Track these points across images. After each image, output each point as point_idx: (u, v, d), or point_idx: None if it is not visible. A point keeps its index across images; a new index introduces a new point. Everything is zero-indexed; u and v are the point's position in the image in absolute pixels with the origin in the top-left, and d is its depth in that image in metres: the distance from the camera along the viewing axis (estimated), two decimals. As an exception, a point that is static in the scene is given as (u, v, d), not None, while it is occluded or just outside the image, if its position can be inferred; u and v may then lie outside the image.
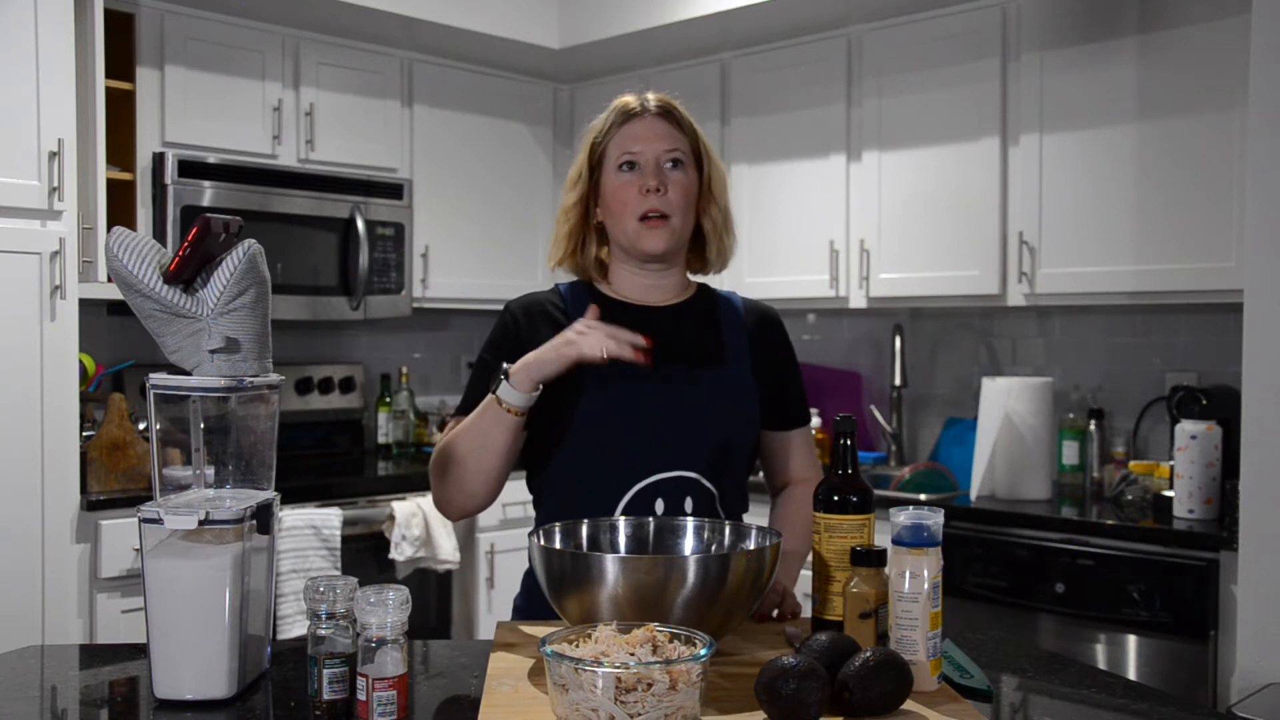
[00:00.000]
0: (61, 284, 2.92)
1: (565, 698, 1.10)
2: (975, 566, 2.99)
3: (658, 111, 1.72)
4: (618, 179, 1.70)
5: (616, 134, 1.71)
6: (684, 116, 1.74)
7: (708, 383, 1.70)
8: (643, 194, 1.67)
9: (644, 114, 1.71)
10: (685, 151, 1.72)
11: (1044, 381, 3.22)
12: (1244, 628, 2.37)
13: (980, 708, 1.28)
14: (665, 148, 1.69)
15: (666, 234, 1.69)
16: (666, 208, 1.68)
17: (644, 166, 1.68)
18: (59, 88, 2.92)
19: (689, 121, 1.75)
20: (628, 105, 1.73)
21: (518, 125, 4.33)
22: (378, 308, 3.85)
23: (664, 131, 1.71)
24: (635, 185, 1.68)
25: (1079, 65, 3.14)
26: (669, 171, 1.69)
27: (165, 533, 1.33)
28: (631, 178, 1.68)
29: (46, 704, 1.39)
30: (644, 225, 1.68)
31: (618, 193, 1.69)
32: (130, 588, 3.03)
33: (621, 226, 1.70)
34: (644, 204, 1.67)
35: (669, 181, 1.68)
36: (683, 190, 1.70)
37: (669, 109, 1.73)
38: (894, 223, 3.54)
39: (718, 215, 1.77)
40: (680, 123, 1.73)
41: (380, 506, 3.50)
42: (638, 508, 1.63)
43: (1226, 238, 2.87)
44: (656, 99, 1.74)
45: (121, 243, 1.33)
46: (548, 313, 1.73)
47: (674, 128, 1.72)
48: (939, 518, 1.29)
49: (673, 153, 1.70)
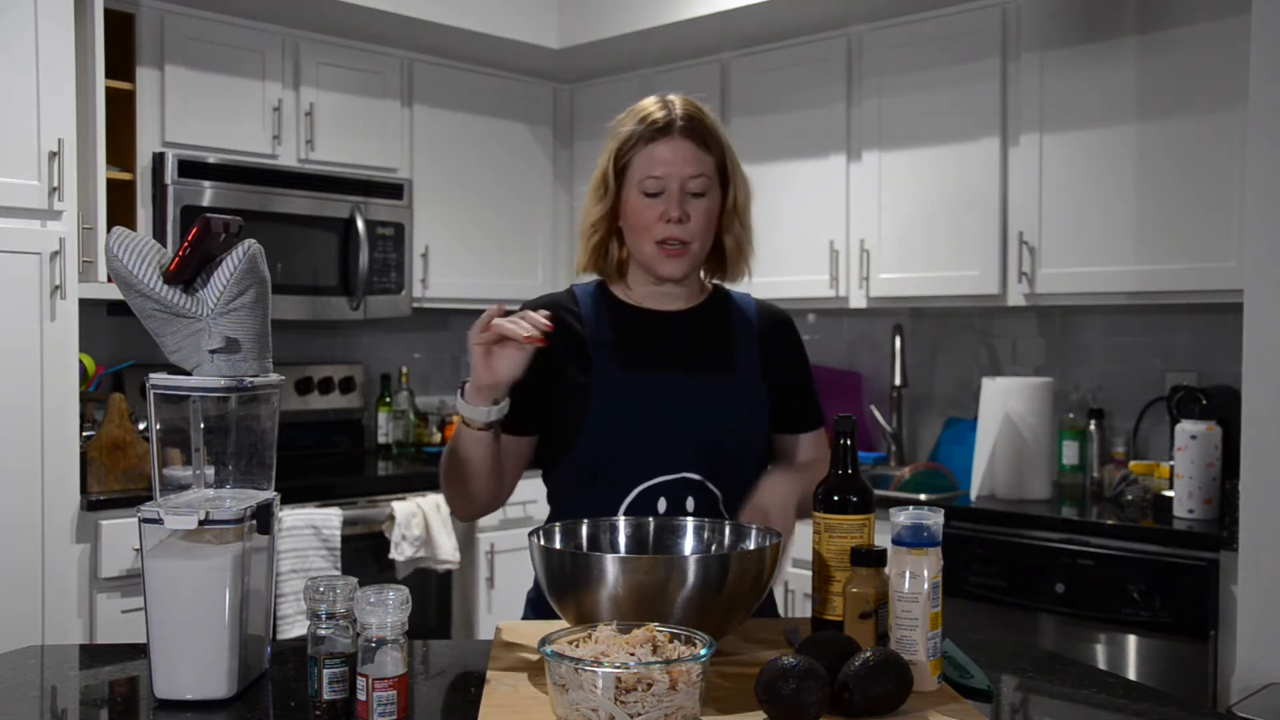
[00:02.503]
0: (61, 284, 2.92)
1: (565, 698, 1.10)
2: (975, 566, 2.99)
3: (685, 130, 1.66)
4: (640, 201, 1.66)
5: (643, 150, 1.66)
6: (712, 132, 1.68)
7: (715, 386, 1.70)
8: (664, 221, 1.65)
9: (671, 134, 1.65)
10: (711, 174, 1.68)
11: (1044, 381, 3.22)
12: (1244, 628, 2.37)
13: (980, 708, 1.28)
14: (691, 173, 1.65)
15: (685, 261, 1.68)
16: (687, 235, 1.66)
17: (668, 194, 1.65)
18: (59, 88, 2.92)
19: (717, 139, 1.69)
20: (655, 120, 1.66)
21: (518, 125, 4.33)
22: (378, 308, 3.85)
23: (690, 155, 1.65)
24: (657, 210, 1.65)
25: (1079, 65, 3.14)
26: (692, 200, 1.66)
27: (165, 533, 1.33)
28: (654, 203, 1.65)
29: (46, 704, 1.39)
30: (661, 251, 1.66)
31: (640, 213, 1.66)
32: (130, 588, 3.03)
33: (639, 246, 1.69)
34: (664, 231, 1.65)
35: (690, 209, 1.65)
36: (705, 216, 1.67)
37: (698, 125, 1.67)
38: (894, 223, 3.54)
39: (740, 233, 1.74)
40: (708, 142, 1.67)
41: (380, 506, 3.50)
42: (640, 510, 1.63)
43: (1226, 238, 2.87)
44: (684, 109, 1.68)
45: (121, 242, 1.33)
46: (562, 316, 1.71)
47: (701, 149, 1.66)
48: (939, 518, 1.29)
49: (698, 179, 1.66)
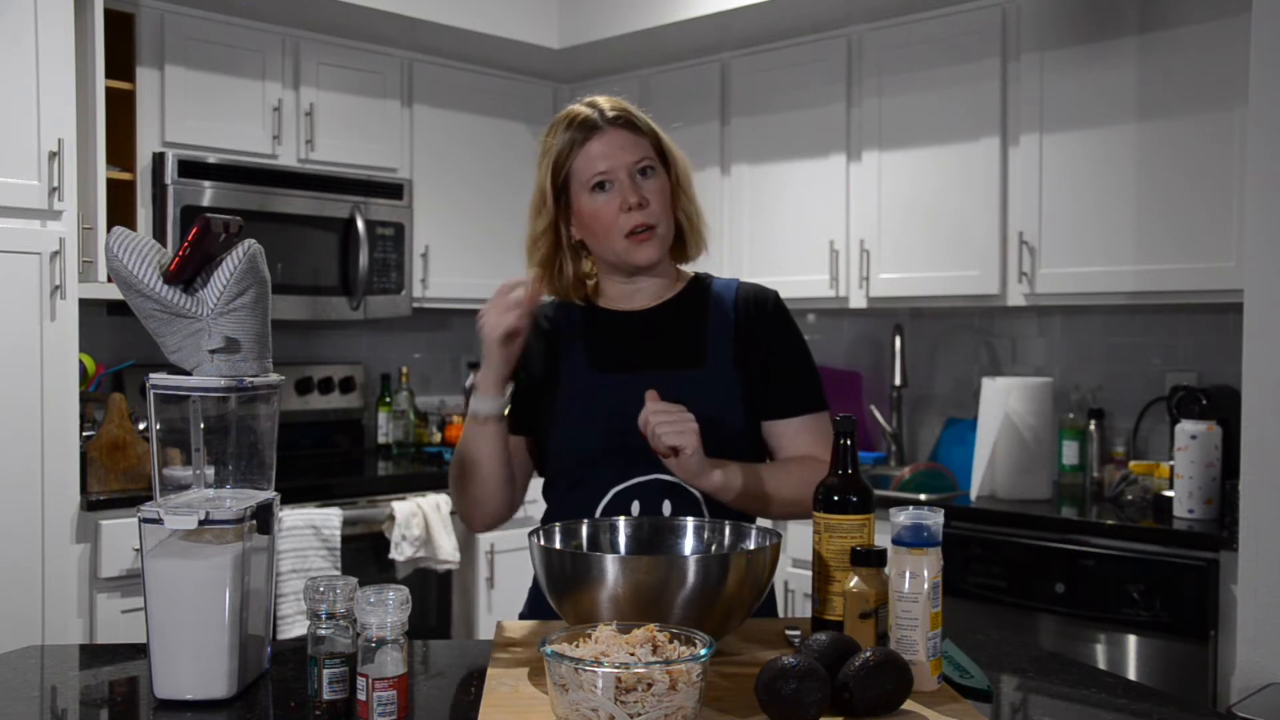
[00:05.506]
0: (61, 284, 2.92)
1: (565, 698, 1.10)
2: (975, 566, 2.99)
3: (615, 121, 1.66)
4: (593, 201, 1.66)
5: (580, 153, 1.66)
6: (641, 119, 1.69)
7: (684, 383, 1.65)
8: (625, 211, 1.64)
9: (602, 127, 1.65)
10: (651, 156, 1.68)
11: (1044, 381, 3.21)
12: (1244, 628, 2.37)
13: (980, 708, 1.28)
14: (633, 159, 1.65)
15: (656, 244, 1.67)
16: (651, 219, 1.65)
17: (619, 184, 1.65)
18: (59, 88, 2.92)
19: (646, 123, 1.70)
20: (584, 119, 1.66)
21: (518, 125, 4.33)
22: (378, 308, 3.85)
23: (628, 142, 1.65)
24: (614, 204, 1.64)
25: (1079, 65, 3.14)
26: (643, 182, 1.66)
27: (165, 533, 1.33)
28: (608, 198, 1.65)
29: (46, 704, 1.39)
30: (632, 241, 1.66)
31: (598, 214, 1.66)
32: (130, 588, 3.03)
33: (608, 246, 1.67)
34: (629, 220, 1.64)
35: (645, 191, 1.65)
36: (660, 196, 1.67)
37: (623, 115, 1.67)
38: (894, 223, 3.54)
39: (690, 208, 1.74)
40: (639, 127, 1.68)
41: (380, 506, 3.49)
42: (615, 512, 1.63)
43: (1226, 238, 2.87)
44: (610, 105, 1.68)
45: (121, 243, 1.33)
46: (538, 324, 1.74)
47: (635, 134, 1.66)
48: (939, 518, 1.29)
49: (641, 162, 1.66)
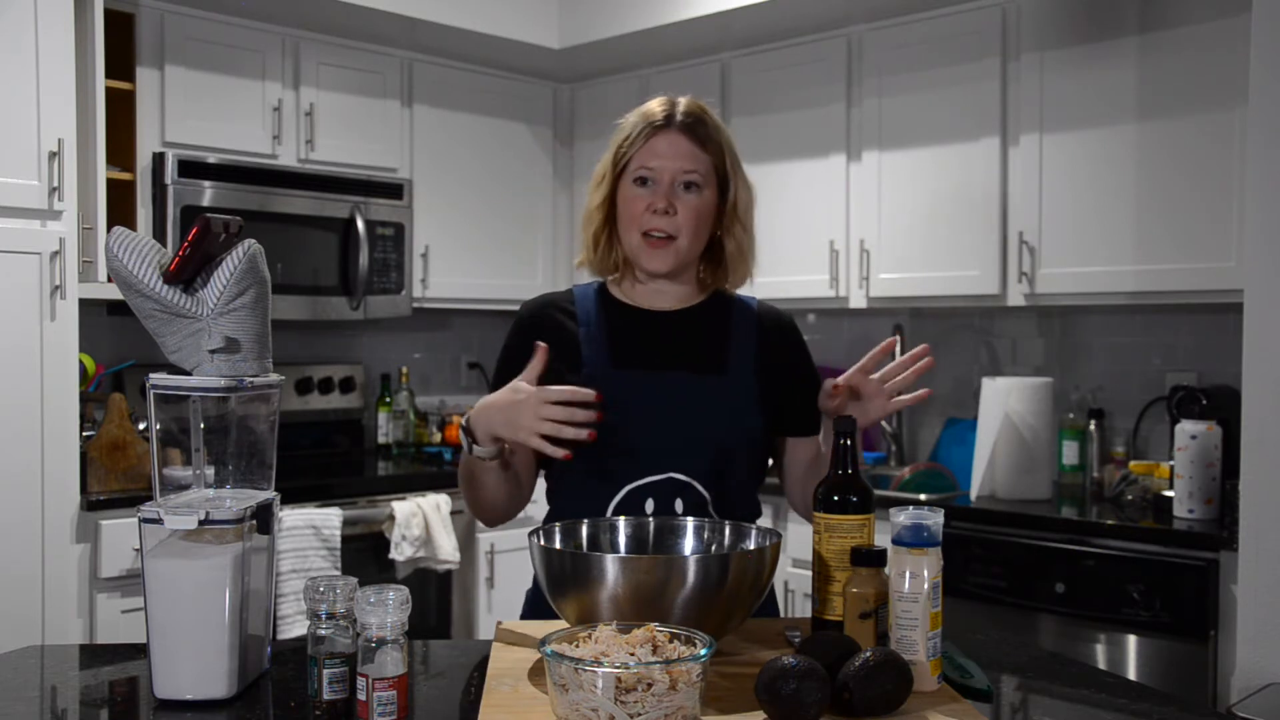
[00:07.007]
0: (61, 284, 2.92)
1: (565, 698, 1.10)
2: (975, 566, 2.99)
3: (684, 126, 1.67)
4: (631, 191, 1.68)
5: (640, 143, 1.67)
6: (712, 133, 1.69)
7: (706, 387, 1.68)
8: (650, 211, 1.66)
9: (669, 128, 1.67)
10: (705, 173, 1.68)
11: (1044, 381, 3.21)
12: (1244, 628, 2.37)
13: (980, 708, 1.28)
14: (683, 168, 1.66)
15: (669, 255, 1.67)
16: (672, 229, 1.66)
17: (657, 184, 1.66)
18: (59, 88, 2.92)
19: (716, 140, 1.69)
20: (655, 116, 1.68)
21: (518, 125, 4.33)
22: (378, 308, 3.85)
23: (686, 150, 1.66)
24: (645, 201, 1.66)
25: (1079, 65, 3.14)
26: (681, 193, 1.66)
27: (165, 533, 1.33)
28: (643, 193, 1.67)
29: (46, 704, 1.39)
30: (645, 243, 1.67)
31: (629, 204, 1.68)
32: (130, 588, 3.03)
33: (627, 238, 1.70)
34: (649, 222, 1.66)
35: (679, 202, 1.66)
36: (693, 213, 1.67)
37: (697, 123, 1.68)
38: (894, 223, 3.54)
39: (741, 236, 1.73)
40: (706, 141, 1.68)
41: (380, 506, 3.50)
42: (628, 510, 1.63)
43: (1226, 238, 2.87)
44: (686, 108, 1.69)
45: (121, 243, 1.33)
46: (555, 316, 1.74)
47: (697, 146, 1.67)
48: (939, 518, 1.29)
49: (690, 174, 1.66)
